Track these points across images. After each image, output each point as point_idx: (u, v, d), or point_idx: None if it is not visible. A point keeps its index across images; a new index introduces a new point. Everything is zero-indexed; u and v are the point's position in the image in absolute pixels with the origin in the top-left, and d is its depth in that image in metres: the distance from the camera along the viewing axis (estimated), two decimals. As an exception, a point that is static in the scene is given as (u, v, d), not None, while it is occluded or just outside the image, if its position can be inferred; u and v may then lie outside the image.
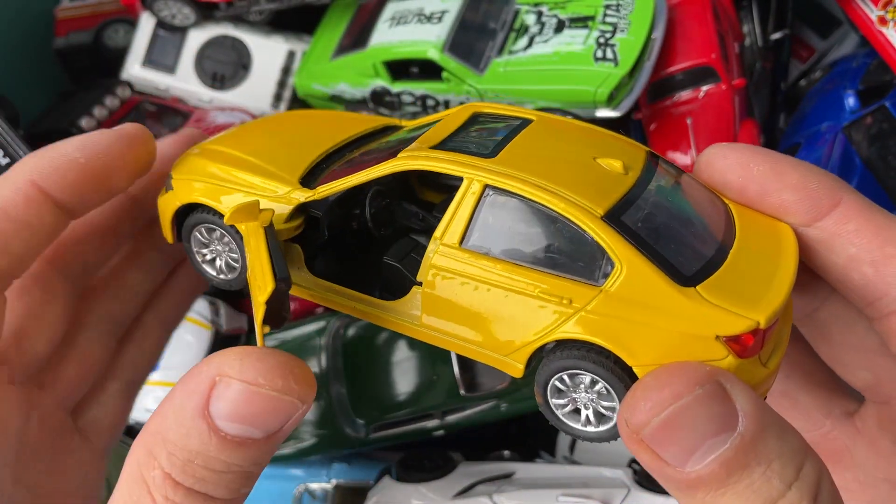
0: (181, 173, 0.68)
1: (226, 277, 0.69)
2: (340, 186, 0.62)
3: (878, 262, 0.57)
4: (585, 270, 0.55)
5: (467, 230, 0.58)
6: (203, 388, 0.51)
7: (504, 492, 1.02)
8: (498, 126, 0.64)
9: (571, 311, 0.55)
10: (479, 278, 0.57)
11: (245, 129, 0.77)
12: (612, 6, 1.15)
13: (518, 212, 0.56)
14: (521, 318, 0.57)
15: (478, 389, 1.14)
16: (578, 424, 0.59)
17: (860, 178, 1.10)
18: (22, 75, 1.44)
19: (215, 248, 0.68)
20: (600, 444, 0.64)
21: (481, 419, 1.15)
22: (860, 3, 1.17)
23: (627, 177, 0.58)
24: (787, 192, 0.59)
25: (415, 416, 1.15)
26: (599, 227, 0.54)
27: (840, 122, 1.15)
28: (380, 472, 1.14)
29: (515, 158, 0.58)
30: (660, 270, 0.53)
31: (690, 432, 0.47)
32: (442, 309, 0.59)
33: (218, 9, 1.30)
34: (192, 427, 0.50)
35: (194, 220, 0.67)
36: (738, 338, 0.51)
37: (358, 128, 0.73)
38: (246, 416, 0.50)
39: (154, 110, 1.32)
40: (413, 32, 1.20)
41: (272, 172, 0.65)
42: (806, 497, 0.47)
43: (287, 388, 0.50)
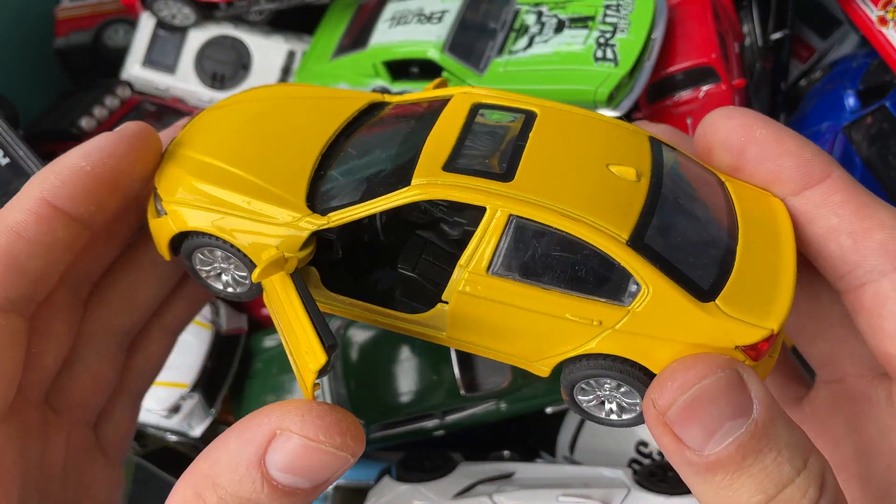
0: (171, 195, 0.64)
1: (234, 291, 0.67)
2: (356, 216, 0.60)
3: (856, 234, 0.60)
4: (612, 292, 0.57)
5: (494, 257, 0.58)
6: (261, 440, 0.52)
7: (504, 492, 1.02)
8: (503, 125, 0.63)
9: (600, 330, 0.57)
10: (508, 303, 0.58)
11: (216, 120, 0.71)
12: (612, 6, 1.14)
13: (544, 238, 0.57)
14: (552, 336, 0.59)
15: (478, 389, 1.14)
16: (602, 414, 0.63)
17: (860, 177, 1.10)
18: (22, 75, 1.44)
19: (218, 267, 0.67)
20: (600, 444, 0.66)
21: (481, 419, 1.15)
22: (860, 3, 1.17)
23: (640, 185, 0.59)
24: (785, 157, 0.62)
25: (415, 416, 1.15)
26: (626, 253, 0.55)
27: (840, 122, 1.15)
28: (380, 472, 1.14)
29: (533, 178, 0.58)
30: (682, 290, 0.55)
31: (711, 414, 0.51)
32: (470, 328, 0.61)
33: (218, 9, 1.30)
34: (246, 475, 0.52)
35: (194, 244, 0.65)
36: (755, 345, 0.55)
37: (342, 112, 0.70)
38: (301, 469, 0.52)
39: (154, 110, 1.32)
40: (413, 32, 1.20)
41: (274, 194, 0.62)
42: (813, 484, 0.51)
43: (344, 445, 0.52)
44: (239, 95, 0.74)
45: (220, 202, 0.62)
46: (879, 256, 0.59)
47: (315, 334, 0.55)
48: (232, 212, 0.62)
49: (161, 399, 1.17)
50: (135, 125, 0.67)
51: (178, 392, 1.17)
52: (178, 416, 1.19)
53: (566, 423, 1.23)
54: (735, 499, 0.51)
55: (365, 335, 1.19)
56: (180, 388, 1.18)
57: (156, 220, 0.66)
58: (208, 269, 0.67)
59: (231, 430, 0.54)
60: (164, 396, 1.17)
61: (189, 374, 1.18)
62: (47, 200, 0.61)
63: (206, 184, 0.63)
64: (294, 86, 0.75)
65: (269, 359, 1.25)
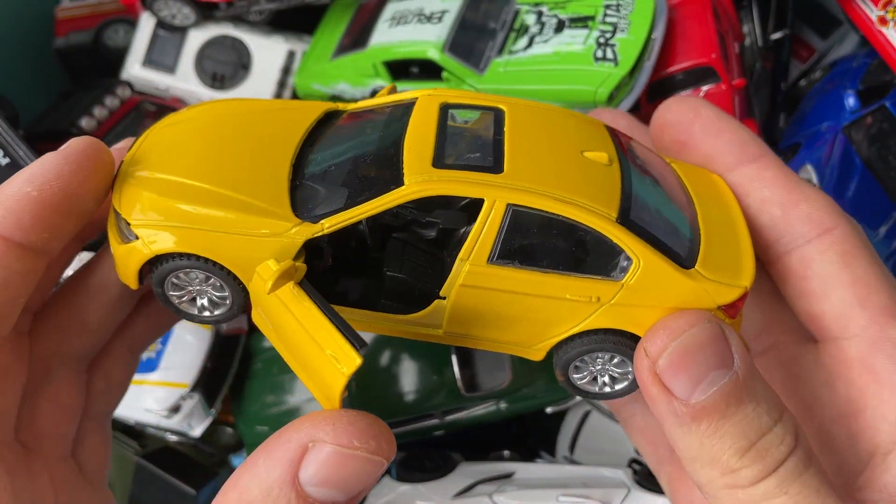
0: (140, 218, 0.60)
1: (211, 314, 0.64)
2: (350, 220, 0.59)
3: (785, 205, 0.67)
4: (606, 269, 0.60)
5: (494, 247, 0.60)
6: (292, 456, 0.51)
7: (504, 492, 1.02)
8: (478, 127, 0.65)
9: (597, 306, 0.60)
10: (509, 290, 0.60)
11: (169, 138, 0.67)
12: (612, 6, 1.14)
13: (540, 223, 0.59)
14: (551, 317, 0.61)
15: (478, 389, 1.14)
16: (596, 388, 0.66)
17: (860, 177, 1.10)
18: (22, 75, 1.44)
19: (192, 289, 0.63)
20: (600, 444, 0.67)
21: (481, 419, 1.15)
22: (860, 3, 1.17)
23: (613, 168, 0.63)
24: (724, 134, 0.71)
25: (415, 416, 1.15)
26: (617, 230, 0.59)
27: (840, 122, 1.15)
28: (380, 472, 1.14)
29: (521, 168, 0.60)
30: (668, 259, 0.60)
31: (698, 362, 0.55)
32: (469, 320, 0.62)
33: (218, 9, 1.30)
34: (280, 496, 0.51)
35: (169, 268, 0.61)
36: (733, 304, 0.61)
37: (299, 123, 0.68)
38: (337, 480, 0.51)
39: (154, 110, 1.32)
40: (413, 32, 1.20)
41: (259, 207, 0.59)
42: (790, 432, 0.56)
43: (378, 450, 0.52)
44: (186, 112, 0.71)
45: (200, 220, 0.59)
46: (805, 225, 0.66)
47: (343, 337, 0.54)
48: (216, 229, 0.59)
49: (161, 399, 1.17)
50: (81, 141, 0.62)
51: (178, 392, 1.17)
52: (178, 416, 1.19)
53: (566, 423, 1.23)
54: (719, 446, 0.54)
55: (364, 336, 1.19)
56: (180, 388, 1.18)
57: (123, 246, 0.61)
58: (181, 293, 0.63)
59: (256, 453, 0.53)
60: (164, 396, 1.17)
61: (189, 374, 1.18)
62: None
63: (181, 202, 0.59)
64: (243, 100, 0.72)
65: (269, 359, 1.25)
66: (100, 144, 0.62)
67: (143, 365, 1.17)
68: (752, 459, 0.54)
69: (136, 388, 1.16)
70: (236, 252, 0.59)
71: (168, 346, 1.19)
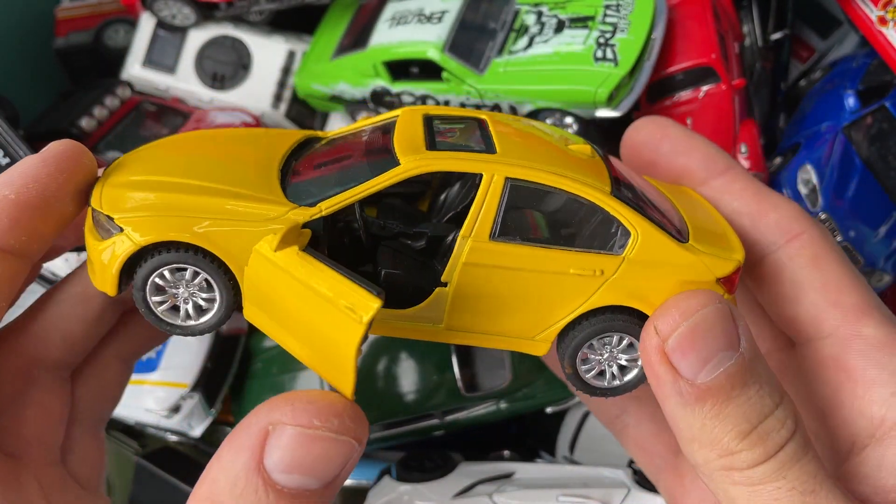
0: (125, 212, 0.58)
1: (195, 322, 0.61)
2: (349, 199, 0.59)
3: (754, 215, 0.70)
4: (605, 243, 0.61)
5: (495, 223, 0.60)
6: (254, 442, 0.49)
7: (504, 492, 1.02)
8: (462, 127, 0.66)
9: (601, 281, 0.61)
10: (513, 266, 0.60)
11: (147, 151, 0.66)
12: (612, 6, 1.14)
13: (538, 198, 0.61)
14: (555, 297, 0.61)
15: (478, 389, 1.14)
16: (605, 382, 0.66)
17: (860, 178, 1.11)
18: (22, 75, 1.44)
19: (177, 293, 0.60)
20: (600, 444, 0.67)
21: (481, 419, 1.15)
22: (860, 3, 1.17)
23: (597, 160, 0.65)
24: (693, 151, 0.74)
25: (415, 416, 1.15)
26: (613, 202, 0.61)
27: (840, 122, 1.15)
28: (380, 472, 1.14)
29: (514, 151, 0.61)
30: (665, 231, 0.61)
31: (707, 342, 0.55)
32: (473, 305, 0.62)
33: (218, 9, 1.30)
34: (247, 485, 0.48)
35: (158, 262, 0.58)
36: (729, 277, 0.62)
37: (282, 143, 0.68)
38: (303, 464, 0.49)
39: (154, 110, 1.32)
40: (413, 32, 1.20)
41: (247, 195, 0.58)
42: (790, 416, 0.56)
43: (343, 428, 0.50)
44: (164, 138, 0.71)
45: (184, 209, 0.57)
46: (775, 233, 0.68)
47: (358, 285, 0.52)
48: (201, 216, 0.57)
49: (161, 399, 1.17)
50: (60, 144, 0.62)
51: (178, 392, 1.17)
52: (178, 416, 1.19)
53: (566, 423, 1.23)
54: (721, 428, 0.55)
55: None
56: (180, 388, 1.18)
57: (104, 242, 0.59)
58: (163, 298, 0.61)
59: (223, 444, 0.51)
60: (164, 396, 1.17)
61: (189, 374, 1.18)
62: None
63: (168, 193, 0.58)
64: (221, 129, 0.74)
65: (269, 359, 1.25)
66: (80, 147, 0.62)
67: (143, 365, 1.17)
68: (753, 442, 0.55)
69: (136, 388, 1.16)
70: (231, 240, 0.57)
71: (168, 346, 1.19)
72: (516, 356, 1.14)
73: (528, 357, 1.14)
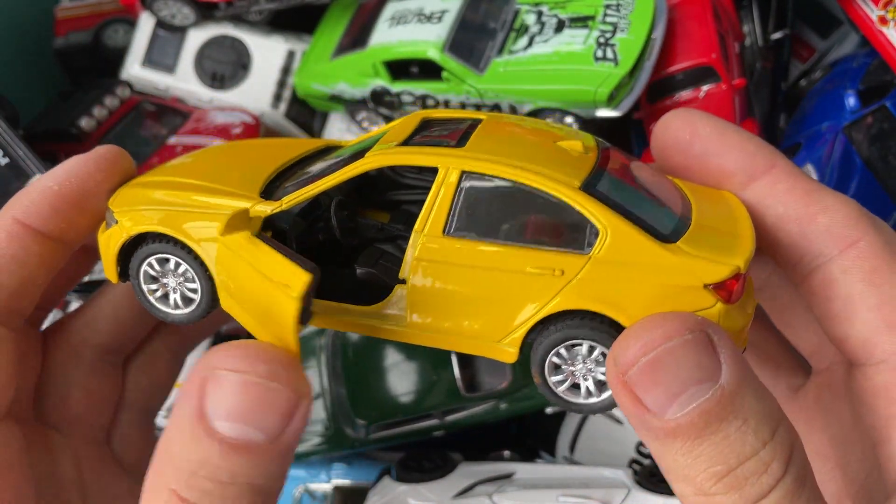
0: (122, 205, 0.65)
1: (182, 312, 0.65)
2: (308, 193, 0.60)
3: (802, 220, 0.61)
4: (571, 241, 0.56)
5: (449, 218, 0.58)
6: (196, 390, 0.50)
7: (504, 492, 1.02)
8: (453, 126, 0.65)
9: (563, 282, 0.56)
10: (467, 264, 0.57)
11: (178, 161, 0.74)
12: (612, 6, 1.14)
13: (498, 193, 0.57)
14: (513, 297, 0.57)
15: (478, 389, 1.14)
16: (580, 399, 0.60)
17: (860, 178, 1.10)
18: (22, 75, 1.44)
19: (167, 282, 0.65)
20: (600, 444, 0.65)
21: (481, 419, 1.15)
22: (860, 3, 1.17)
23: (589, 156, 0.61)
24: (729, 152, 0.64)
25: (415, 416, 1.15)
26: (580, 197, 0.56)
27: (840, 122, 1.15)
28: (380, 472, 1.14)
29: (484, 146, 0.59)
30: (642, 230, 0.55)
31: (674, 377, 0.49)
32: (429, 303, 0.59)
33: (218, 8, 1.30)
34: (192, 434, 0.49)
35: (145, 251, 0.64)
36: (723, 284, 0.54)
37: (300, 149, 0.72)
38: (241, 411, 0.48)
39: (154, 110, 1.31)
40: (413, 32, 1.20)
41: (228, 191, 0.63)
42: (778, 458, 0.48)
43: (274, 375, 0.49)
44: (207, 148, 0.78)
45: (175, 204, 0.63)
46: (826, 241, 0.60)
47: (289, 260, 0.54)
48: (181, 209, 0.62)
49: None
50: (105, 148, 0.69)
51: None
52: (177, 416, 1.19)
53: (566, 423, 1.23)
54: (693, 467, 0.49)
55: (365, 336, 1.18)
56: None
57: (105, 233, 0.66)
58: (155, 286, 0.65)
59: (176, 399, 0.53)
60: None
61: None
62: (17, 219, 0.65)
63: (161, 191, 0.64)
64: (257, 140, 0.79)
65: (268, 359, 1.25)
66: (122, 152, 0.70)
67: (143, 365, 1.17)
68: (729, 486, 0.48)
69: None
70: (199, 230, 0.61)
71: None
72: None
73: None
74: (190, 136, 1.25)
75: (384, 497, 1.06)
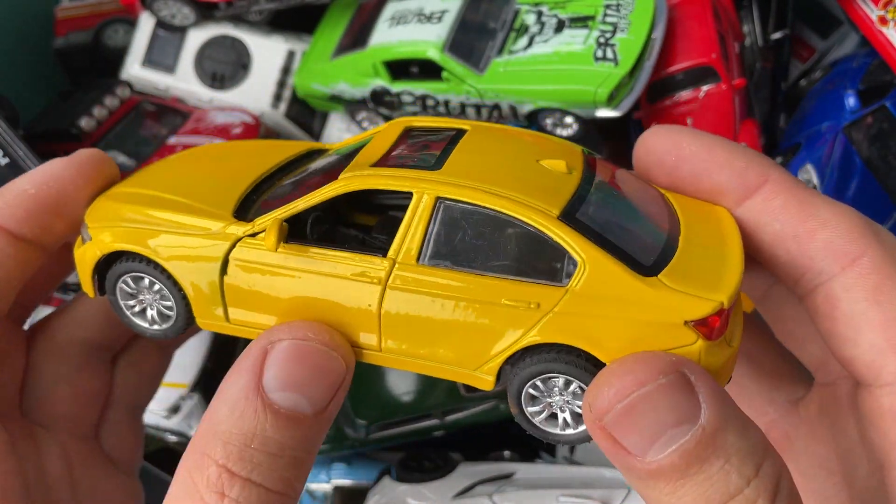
0: (96, 221, 0.64)
1: (160, 328, 0.64)
2: (280, 216, 0.59)
3: (800, 237, 0.58)
4: (548, 272, 0.54)
5: (423, 246, 0.56)
6: (254, 363, 0.51)
7: (504, 492, 1.02)
8: (434, 138, 0.63)
9: (539, 314, 0.54)
10: (440, 294, 0.56)
11: (160, 166, 0.72)
12: (612, 6, 1.14)
13: (473, 221, 0.55)
14: (488, 328, 0.56)
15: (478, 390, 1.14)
16: (556, 429, 0.58)
17: (860, 178, 1.10)
18: (22, 75, 1.44)
19: (143, 299, 0.64)
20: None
21: (481, 419, 1.15)
22: (860, 3, 1.17)
23: (572, 176, 0.58)
24: (718, 170, 0.61)
25: (415, 416, 1.15)
26: (558, 227, 0.54)
27: (840, 122, 1.15)
28: (380, 472, 1.14)
29: (461, 168, 0.57)
30: (621, 263, 0.53)
31: (652, 421, 0.48)
32: (403, 330, 0.58)
33: (218, 9, 1.30)
34: (247, 406, 0.50)
35: (119, 269, 0.63)
36: (705, 320, 0.52)
37: (282, 154, 0.70)
38: (297, 379, 0.51)
39: (154, 110, 1.31)
40: (413, 32, 1.20)
41: (199, 209, 0.61)
42: (763, 495, 0.48)
43: (334, 343, 0.53)
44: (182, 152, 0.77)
45: (143, 220, 0.62)
46: (826, 257, 0.57)
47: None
48: (154, 227, 0.61)
49: (161, 399, 1.17)
50: (86, 152, 0.68)
51: (177, 392, 1.17)
52: (177, 416, 1.19)
53: (566, 424, 1.23)
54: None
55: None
56: (180, 388, 1.17)
57: (80, 248, 0.65)
58: (132, 303, 0.65)
59: (225, 378, 0.53)
60: (163, 397, 1.17)
61: (189, 374, 1.17)
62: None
63: (131, 207, 0.63)
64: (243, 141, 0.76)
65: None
66: (104, 157, 0.68)
67: (143, 365, 1.18)
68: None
69: (135, 388, 1.16)
70: (172, 250, 0.61)
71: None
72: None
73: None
74: (190, 136, 1.25)
75: (384, 497, 1.06)
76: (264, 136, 1.29)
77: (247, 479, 0.49)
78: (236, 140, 0.76)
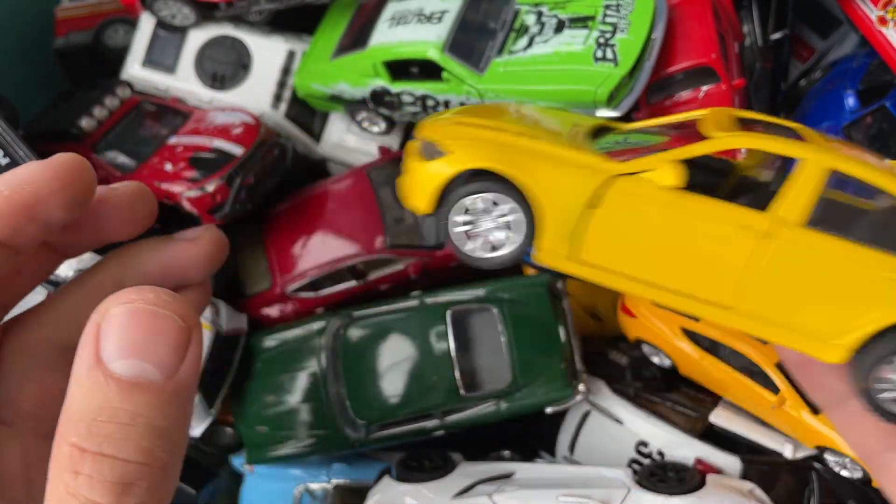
0: (451, 138, 0.64)
1: (485, 256, 0.64)
2: (678, 156, 0.60)
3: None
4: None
5: (813, 210, 0.58)
6: (90, 338, 0.49)
7: (504, 492, 1.02)
8: (774, 129, 0.65)
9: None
10: (824, 259, 0.57)
11: (477, 111, 0.72)
12: (612, 6, 1.14)
13: (857, 193, 0.59)
14: (863, 299, 0.57)
15: (478, 389, 1.14)
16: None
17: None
18: (22, 75, 1.44)
19: (479, 224, 0.64)
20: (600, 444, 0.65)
21: (481, 419, 1.15)
22: (860, 3, 1.17)
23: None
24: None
25: (415, 416, 1.15)
26: None
27: (840, 122, 1.15)
28: (380, 472, 1.14)
29: (822, 145, 0.60)
30: None
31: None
32: (767, 290, 0.59)
33: (218, 9, 1.30)
34: (89, 381, 0.48)
35: (471, 188, 0.62)
36: None
37: (586, 122, 0.73)
38: (132, 344, 0.48)
39: (154, 110, 1.32)
40: (413, 32, 1.20)
41: (567, 143, 0.62)
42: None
43: (162, 302, 0.49)
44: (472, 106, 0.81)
45: (512, 145, 0.61)
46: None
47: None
48: (523, 153, 0.61)
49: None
50: (64, 156, 0.68)
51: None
52: (177, 416, 1.19)
53: (566, 423, 1.23)
54: None
55: (365, 335, 1.19)
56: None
57: (429, 162, 0.64)
58: (465, 228, 0.64)
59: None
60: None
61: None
62: None
63: (493, 131, 0.63)
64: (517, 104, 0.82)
65: (269, 359, 1.25)
66: (82, 161, 0.66)
67: (143, 365, 1.17)
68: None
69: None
70: (547, 178, 0.61)
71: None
72: (516, 356, 1.14)
73: (528, 357, 1.14)
74: (190, 137, 1.25)
75: (384, 496, 1.07)
76: (264, 135, 1.28)
77: (97, 452, 0.47)
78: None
